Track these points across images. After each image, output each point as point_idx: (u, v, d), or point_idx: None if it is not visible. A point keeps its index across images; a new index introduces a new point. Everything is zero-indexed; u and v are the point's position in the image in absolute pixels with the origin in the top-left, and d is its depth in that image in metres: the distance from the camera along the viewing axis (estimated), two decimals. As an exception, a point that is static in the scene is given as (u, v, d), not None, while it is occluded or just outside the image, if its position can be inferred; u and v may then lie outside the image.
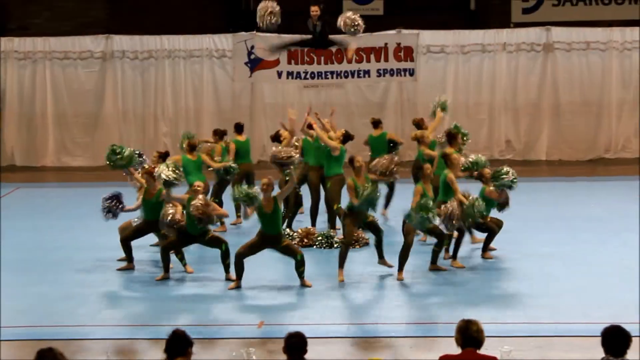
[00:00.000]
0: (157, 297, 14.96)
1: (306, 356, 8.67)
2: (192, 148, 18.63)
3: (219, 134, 19.65)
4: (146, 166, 16.59)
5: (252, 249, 15.41)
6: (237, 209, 18.95)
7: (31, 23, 30.11)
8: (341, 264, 15.67)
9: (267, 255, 15.81)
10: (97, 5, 30.42)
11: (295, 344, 8.66)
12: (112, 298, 15.12)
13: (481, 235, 16.99)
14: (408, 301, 14.79)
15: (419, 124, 19.43)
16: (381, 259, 16.13)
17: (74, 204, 21.22)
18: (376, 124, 19.82)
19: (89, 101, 27.62)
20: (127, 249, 16.32)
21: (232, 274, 15.46)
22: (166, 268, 15.86)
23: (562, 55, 27.12)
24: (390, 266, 15.98)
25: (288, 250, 15.45)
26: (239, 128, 19.98)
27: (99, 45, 27.52)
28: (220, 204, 18.33)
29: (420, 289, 15.19)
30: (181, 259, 16.17)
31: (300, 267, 15.37)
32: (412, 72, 26.38)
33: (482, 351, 8.66)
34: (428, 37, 26.97)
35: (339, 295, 15.02)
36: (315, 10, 18.00)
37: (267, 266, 16.15)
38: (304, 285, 15.32)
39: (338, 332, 13.11)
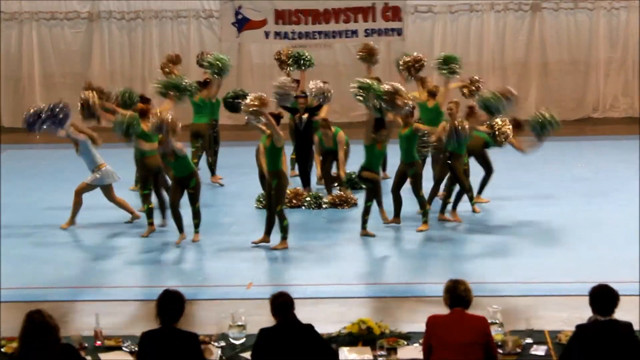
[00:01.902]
0: (148, 260, 14.95)
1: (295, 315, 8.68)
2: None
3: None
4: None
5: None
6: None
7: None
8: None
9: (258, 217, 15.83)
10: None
11: (282, 304, 8.67)
12: (101, 259, 15.08)
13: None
14: (398, 259, 14.80)
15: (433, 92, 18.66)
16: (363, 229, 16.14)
17: (60, 166, 21.13)
18: None
19: (75, 62, 27.51)
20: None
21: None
22: (180, 228, 15.74)
23: (549, 14, 27.07)
24: (373, 235, 16.00)
25: None
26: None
27: (86, 5, 27.39)
28: None
29: (411, 247, 15.19)
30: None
31: None
32: (400, 32, 26.23)
33: (471, 310, 8.67)
34: (416, -3, 26.92)
35: (327, 256, 15.03)
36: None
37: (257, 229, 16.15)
38: None
39: (327, 293, 13.13)
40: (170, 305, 8.49)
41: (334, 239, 15.86)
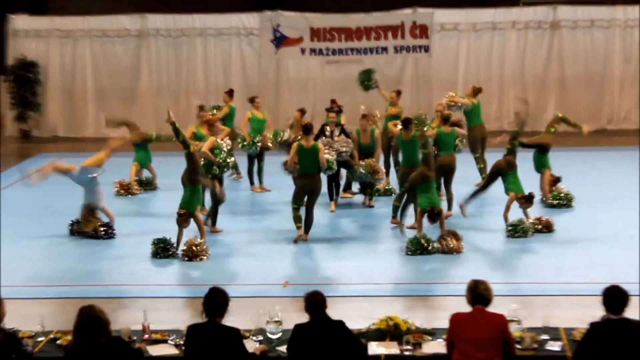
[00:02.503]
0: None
1: (327, 313, 8.75)
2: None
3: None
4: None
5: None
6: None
7: (70, 2, 30.16)
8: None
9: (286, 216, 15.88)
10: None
11: (315, 302, 8.74)
12: (146, 259, 15.17)
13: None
14: (423, 260, 14.80)
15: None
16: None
17: (110, 172, 21.22)
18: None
19: (125, 76, 27.71)
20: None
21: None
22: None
23: (567, 32, 27.05)
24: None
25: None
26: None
27: (135, 23, 27.59)
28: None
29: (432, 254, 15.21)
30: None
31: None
32: (427, 49, 26.31)
33: (491, 309, 8.72)
34: (442, 16, 26.92)
35: (356, 255, 15.09)
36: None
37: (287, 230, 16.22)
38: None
39: (357, 292, 13.17)
40: (216, 301, 8.59)
41: (365, 240, 15.91)
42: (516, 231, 15.75)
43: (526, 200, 16.01)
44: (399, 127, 16.94)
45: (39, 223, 17.22)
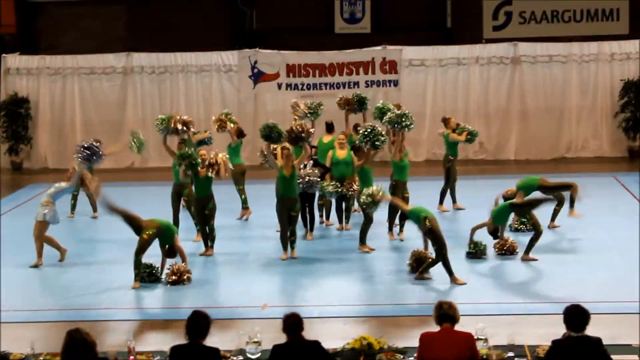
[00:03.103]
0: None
1: (303, 333, 8.66)
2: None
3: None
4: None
5: (280, 217, 15.89)
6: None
7: (60, 42, 30.09)
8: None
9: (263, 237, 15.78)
10: (117, 26, 30.40)
11: (292, 324, 8.65)
12: (131, 283, 15.01)
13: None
14: (394, 284, 14.72)
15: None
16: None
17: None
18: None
19: (112, 110, 27.62)
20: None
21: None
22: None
23: (528, 67, 27.13)
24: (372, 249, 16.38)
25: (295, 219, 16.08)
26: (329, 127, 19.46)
27: (121, 61, 27.53)
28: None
29: (401, 275, 15.13)
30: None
31: (292, 236, 16.04)
32: (396, 83, 26.45)
33: (459, 328, 8.65)
34: (410, 52, 26.98)
35: (333, 276, 15.00)
36: None
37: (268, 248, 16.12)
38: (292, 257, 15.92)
39: (332, 312, 13.08)
40: (198, 324, 8.50)
41: (339, 262, 15.83)
42: (476, 251, 15.69)
43: (492, 233, 15.83)
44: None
45: (29, 250, 17.01)
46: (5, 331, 9.86)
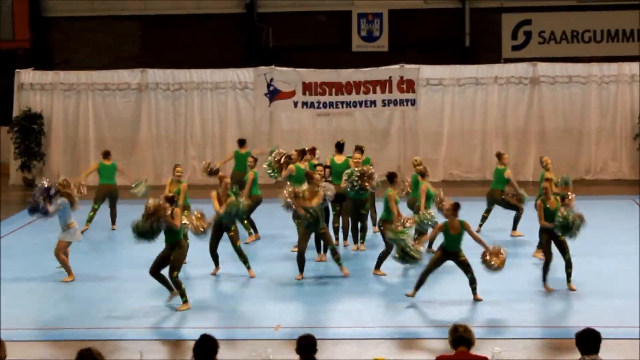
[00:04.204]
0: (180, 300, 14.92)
1: (316, 355, 8.66)
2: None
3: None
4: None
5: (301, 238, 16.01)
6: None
7: (72, 58, 30.28)
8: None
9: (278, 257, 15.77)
10: (130, 42, 30.58)
11: (306, 345, 8.65)
12: (143, 299, 15.05)
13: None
14: (412, 307, 14.71)
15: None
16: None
17: (109, 219, 21.10)
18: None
19: (126, 127, 27.68)
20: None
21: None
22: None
23: (547, 87, 27.11)
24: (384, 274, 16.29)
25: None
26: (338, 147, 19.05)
27: (135, 77, 27.61)
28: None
29: (416, 298, 15.09)
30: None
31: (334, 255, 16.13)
32: (413, 102, 26.47)
33: (474, 351, 8.63)
34: (428, 71, 27.00)
35: (347, 298, 14.99)
36: None
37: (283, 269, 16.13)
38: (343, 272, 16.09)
39: (346, 334, 13.07)
40: (206, 347, 8.50)
41: (353, 283, 15.82)
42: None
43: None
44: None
45: (39, 268, 17.07)
46: (15, 349, 9.88)
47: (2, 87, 29.00)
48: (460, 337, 8.59)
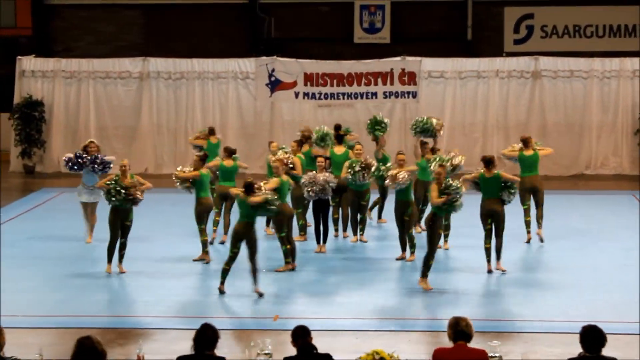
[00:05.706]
0: (185, 290, 14.94)
1: (314, 344, 8.66)
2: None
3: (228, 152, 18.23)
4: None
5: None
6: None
7: (74, 46, 30.27)
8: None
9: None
10: (132, 30, 30.55)
11: (299, 333, 8.68)
12: (143, 289, 15.06)
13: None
14: (410, 299, 14.71)
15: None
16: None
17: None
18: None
19: (127, 116, 27.68)
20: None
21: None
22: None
23: (548, 81, 27.10)
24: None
25: None
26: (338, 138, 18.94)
27: (137, 66, 27.60)
28: None
29: (415, 290, 15.10)
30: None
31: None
32: (414, 95, 26.45)
33: (472, 345, 8.63)
34: (429, 64, 26.98)
35: (346, 289, 15.00)
36: None
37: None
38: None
39: (344, 326, 13.09)
40: (206, 336, 8.52)
41: (353, 275, 15.83)
42: None
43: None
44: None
45: (39, 255, 17.09)
46: (13, 336, 9.87)
47: (4, 74, 28.96)
48: (461, 331, 8.59)
